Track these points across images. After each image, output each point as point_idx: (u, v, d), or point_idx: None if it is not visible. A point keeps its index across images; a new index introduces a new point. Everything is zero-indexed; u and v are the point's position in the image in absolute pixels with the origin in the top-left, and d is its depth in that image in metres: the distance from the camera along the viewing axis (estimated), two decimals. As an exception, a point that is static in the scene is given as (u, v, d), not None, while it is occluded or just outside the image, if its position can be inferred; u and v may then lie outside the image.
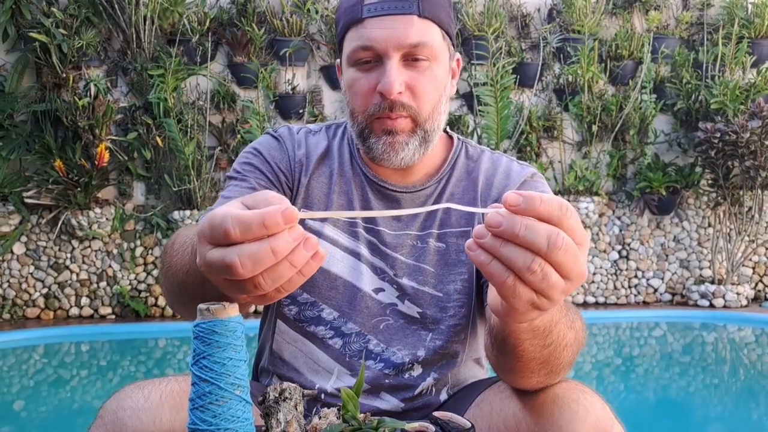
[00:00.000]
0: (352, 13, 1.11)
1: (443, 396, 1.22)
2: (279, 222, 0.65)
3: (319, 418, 0.85)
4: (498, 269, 0.66)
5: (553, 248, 0.65)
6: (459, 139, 1.29)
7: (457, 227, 1.19)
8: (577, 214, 0.68)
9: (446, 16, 1.14)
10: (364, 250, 1.19)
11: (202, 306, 0.72)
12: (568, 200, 5.62)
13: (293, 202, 1.19)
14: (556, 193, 5.80)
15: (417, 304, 1.18)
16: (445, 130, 1.29)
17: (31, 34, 5.10)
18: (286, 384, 0.90)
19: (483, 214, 1.04)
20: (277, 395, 0.86)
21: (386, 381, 1.19)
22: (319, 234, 1.19)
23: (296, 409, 0.85)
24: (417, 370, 1.19)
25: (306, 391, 0.92)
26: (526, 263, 0.65)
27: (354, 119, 1.15)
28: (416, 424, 0.85)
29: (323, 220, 1.18)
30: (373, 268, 1.19)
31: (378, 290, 1.19)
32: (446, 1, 1.15)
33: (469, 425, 0.88)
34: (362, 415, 0.83)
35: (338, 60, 1.20)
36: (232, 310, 0.73)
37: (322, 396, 1.18)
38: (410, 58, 1.10)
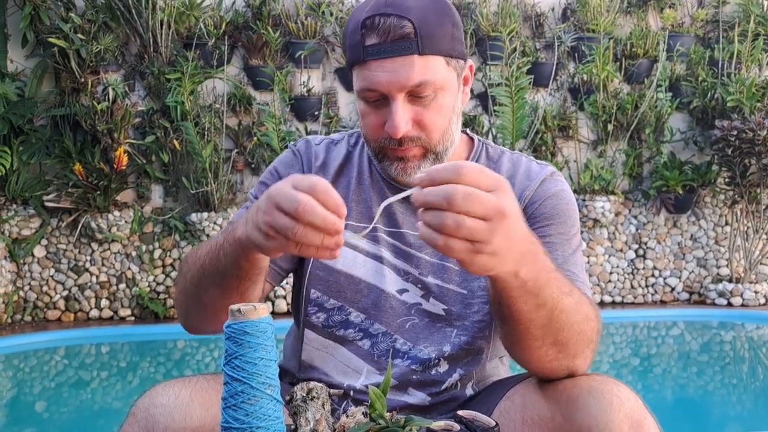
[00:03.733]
0: (355, 53, 1.13)
1: (468, 391, 1.24)
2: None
3: (347, 416, 0.87)
4: (428, 234, 0.81)
5: (452, 202, 0.79)
6: (479, 140, 1.32)
7: None
8: (478, 170, 0.81)
9: (448, 40, 1.14)
10: (386, 254, 1.23)
11: (233, 307, 0.75)
12: (584, 200, 5.61)
13: None
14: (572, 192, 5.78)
15: (442, 301, 1.21)
16: (466, 132, 1.32)
17: (50, 39, 5.16)
18: (313, 383, 0.92)
19: None
20: (304, 394, 0.89)
21: (413, 377, 1.21)
22: None
23: (324, 407, 0.87)
24: (443, 366, 1.22)
25: (333, 390, 0.95)
26: (439, 220, 0.80)
27: (367, 143, 1.21)
28: (442, 423, 0.87)
29: (343, 226, 1.22)
30: (396, 270, 1.22)
31: (402, 291, 1.22)
32: (448, 25, 1.14)
33: (493, 423, 0.89)
34: (389, 413, 0.85)
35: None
36: (263, 311, 0.75)
37: (352, 393, 1.21)
38: (415, 95, 1.13)
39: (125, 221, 5.29)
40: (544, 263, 0.93)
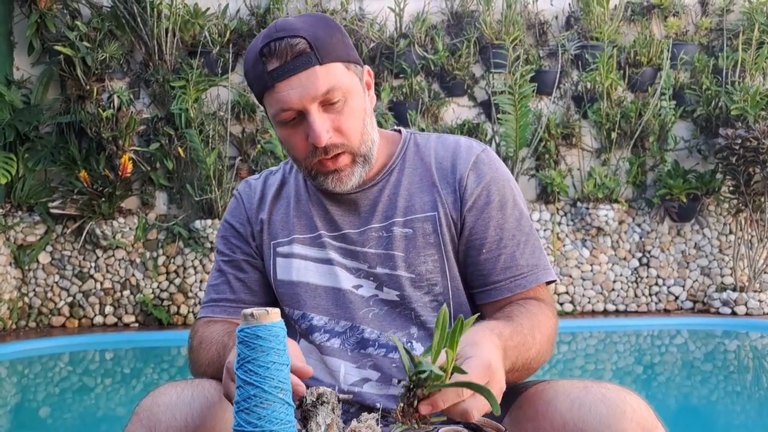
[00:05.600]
0: (261, 81, 1.19)
1: None
2: None
3: (358, 421, 0.87)
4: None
5: (467, 419, 0.88)
6: (409, 132, 1.37)
7: (422, 213, 1.27)
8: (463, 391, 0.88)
9: (342, 48, 1.22)
10: (334, 255, 1.28)
11: (246, 311, 0.75)
12: (587, 208, 5.62)
13: (259, 239, 1.34)
14: (575, 201, 5.79)
15: (394, 288, 1.26)
16: (395, 128, 1.39)
17: (56, 47, 5.19)
18: (322, 388, 0.93)
19: (445, 197, 1.24)
20: (314, 399, 0.89)
21: (393, 365, 1.24)
22: (290, 255, 1.30)
23: (333, 412, 0.88)
24: (418, 349, 1.25)
25: (342, 396, 0.95)
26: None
27: (299, 165, 1.27)
28: (450, 428, 0.87)
29: (290, 241, 1.31)
30: (347, 269, 1.28)
31: (357, 287, 1.27)
32: (338, 35, 1.23)
33: (503, 429, 0.90)
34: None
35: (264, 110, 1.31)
36: (275, 316, 0.76)
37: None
38: (327, 103, 1.19)
39: (129, 228, 5.30)
40: (506, 345, 1.02)
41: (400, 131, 1.38)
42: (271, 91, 1.18)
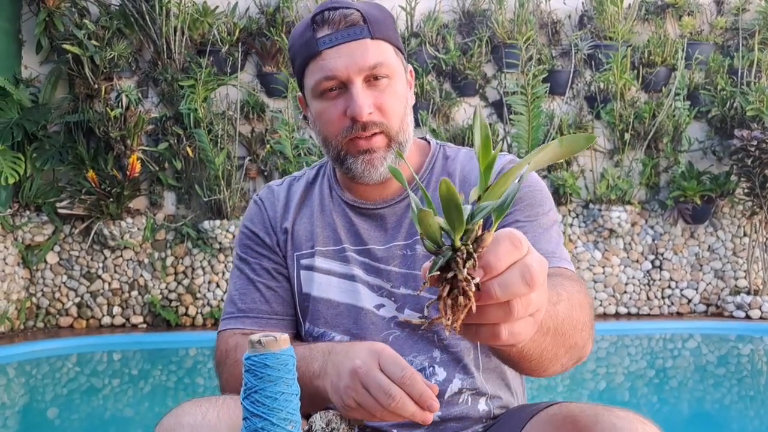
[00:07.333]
0: (309, 48, 1.16)
1: (482, 407, 1.21)
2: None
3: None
4: (484, 332, 0.65)
5: (533, 285, 0.63)
6: (438, 143, 1.33)
7: None
8: (519, 238, 0.64)
9: (393, 33, 1.21)
10: (358, 271, 1.23)
11: (253, 338, 0.71)
12: (600, 209, 5.56)
13: (284, 249, 1.29)
14: (587, 202, 5.74)
15: (416, 309, 1.21)
16: (425, 138, 1.34)
17: (64, 45, 5.17)
18: (331, 413, 0.88)
19: None
20: (323, 425, 0.85)
21: None
22: (312, 268, 1.25)
23: (344, 440, 0.83)
24: (440, 374, 1.20)
25: (351, 420, 0.91)
26: (505, 310, 0.64)
27: (329, 145, 1.21)
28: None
29: (312, 253, 1.25)
30: (369, 287, 1.23)
31: (379, 306, 1.22)
32: (390, 20, 1.22)
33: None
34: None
35: (299, 94, 1.26)
36: (284, 343, 0.72)
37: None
38: (371, 79, 1.16)
39: (138, 228, 5.28)
40: None
41: (429, 142, 1.33)
42: (317, 58, 1.15)
